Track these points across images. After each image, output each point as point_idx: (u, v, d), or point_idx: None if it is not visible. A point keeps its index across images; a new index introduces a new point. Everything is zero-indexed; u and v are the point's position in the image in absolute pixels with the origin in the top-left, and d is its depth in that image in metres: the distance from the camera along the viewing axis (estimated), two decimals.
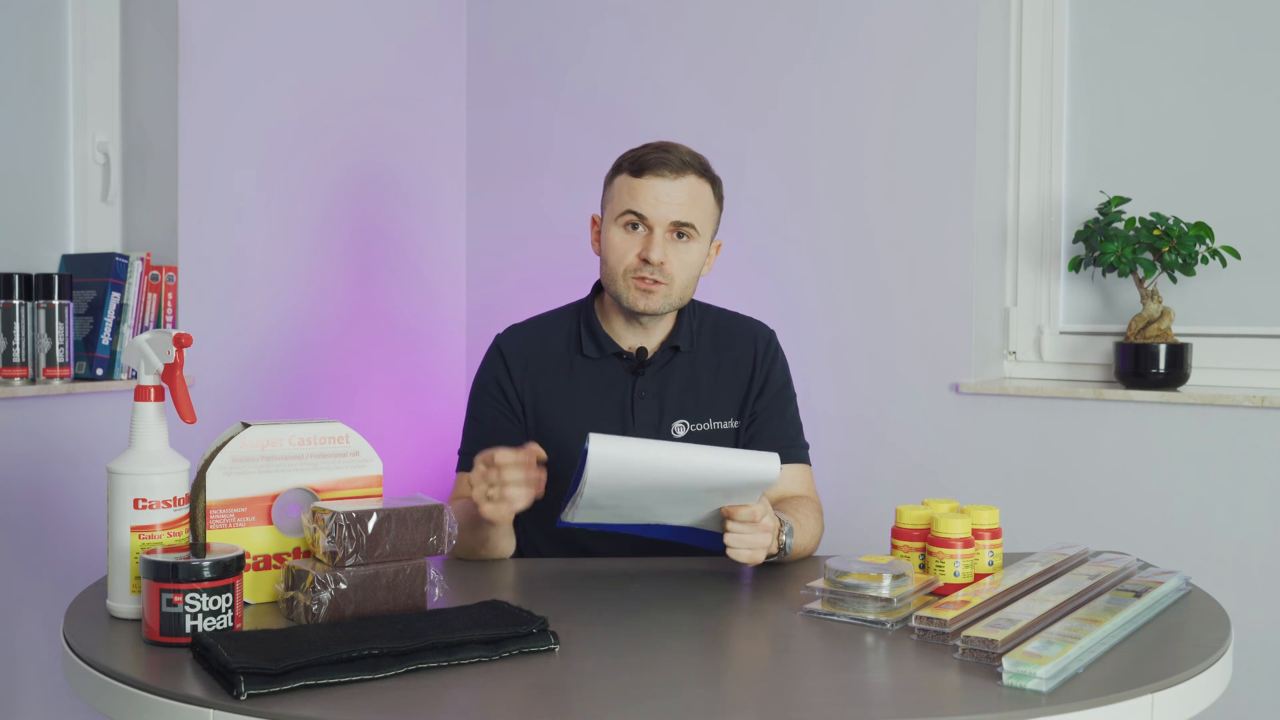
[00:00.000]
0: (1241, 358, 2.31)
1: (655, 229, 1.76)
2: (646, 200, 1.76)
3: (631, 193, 1.77)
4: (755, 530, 1.54)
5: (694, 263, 1.80)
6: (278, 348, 2.61)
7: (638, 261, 1.77)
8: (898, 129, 2.50)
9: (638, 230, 1.78)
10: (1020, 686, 1.14)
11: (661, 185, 1.76)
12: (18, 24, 2.30)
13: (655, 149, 1.79)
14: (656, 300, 1.78)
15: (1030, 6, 2.49)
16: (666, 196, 1.76)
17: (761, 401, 1.86)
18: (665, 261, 1.76)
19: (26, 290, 2.15)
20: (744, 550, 1.54)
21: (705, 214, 1.81)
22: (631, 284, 1.77)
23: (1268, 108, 2.30)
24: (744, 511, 1.52)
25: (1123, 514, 2.28)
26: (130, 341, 1.61)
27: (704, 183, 1.80)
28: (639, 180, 1.77)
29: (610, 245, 1.79)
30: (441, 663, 1.19)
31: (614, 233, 1.79)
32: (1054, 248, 2.50)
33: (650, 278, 1.76)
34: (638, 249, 1.77)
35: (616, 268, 1.78)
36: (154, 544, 1.33)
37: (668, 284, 1.77)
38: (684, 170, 1.77)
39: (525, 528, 1.82)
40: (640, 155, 1.79)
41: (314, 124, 2.68)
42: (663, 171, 1.76)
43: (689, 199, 1.77)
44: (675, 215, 1.76)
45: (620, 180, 1.80)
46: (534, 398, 1.85)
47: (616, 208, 1.79)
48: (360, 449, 1.46)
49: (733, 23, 2.69)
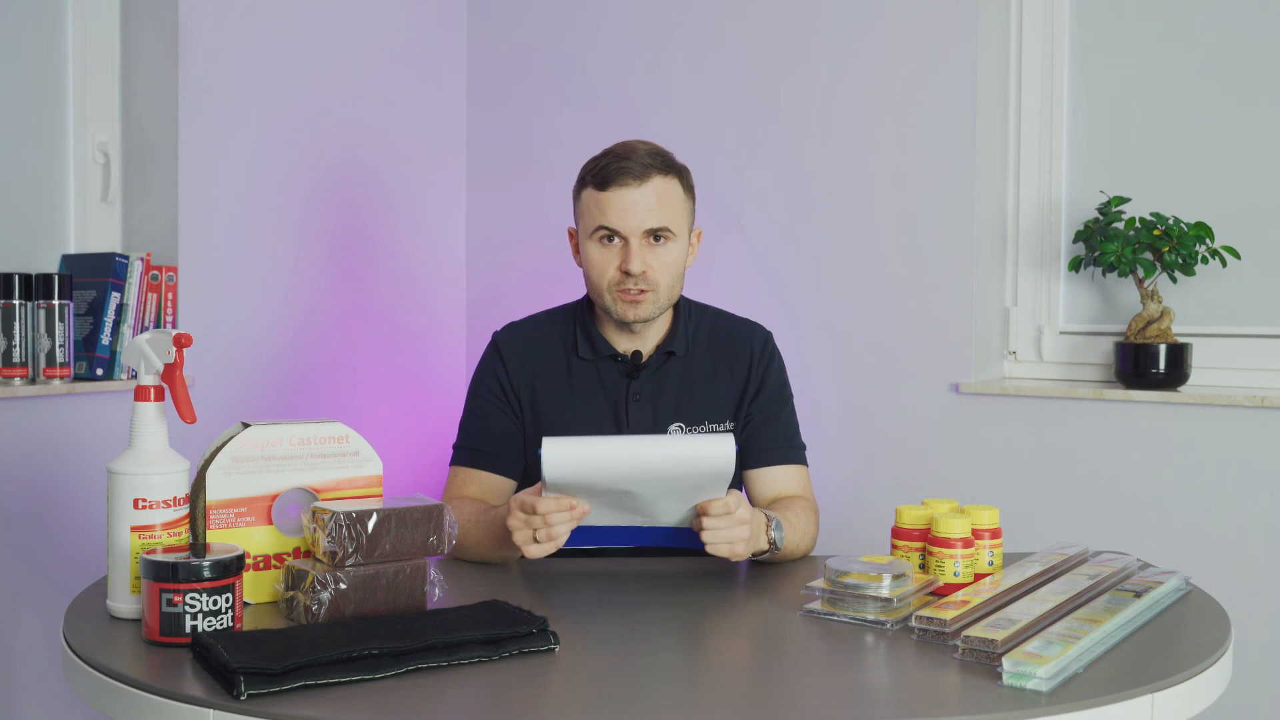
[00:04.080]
0: (1241, 358, 2.31)
1: (630, 239, 1.75)
2: (615, 213, 1.74)
3: (600, 207, 1.75)
4: (731, 523, 1.52)
5: (675, 262, 1.79)
6: (278, 347, 2.62)
7: (619, 275, 1.76)
8: (898, 129, 2.50)
9: (613, 243, 1.76)
10: (1020, 686, 1.14)
11: (628, 195, 1.74)
12: (18, 24, 2.30)
13: (615, 157, 1.76)
14: (645, 309, 1.77)
15: (1030, 8, 2.49)
16: (635, 205, 1.74)
17: (758, 403, 1.86)
18: (647, 269, 1.75)
19: (26, 290, 2.15)
20: (722, 545, 1.53)
21: (677, 211, 1.79)
22: (617, 297, 1.77)
23: (1267, 107, 2.30)
24: (716, 505, 1.51)
25: (1123, 514, 2.28)
26: (130, 341, 1.61)
27: (670, 179, 1.78)
28: (605, 194, 1.75)
29: (590, 262, 1.78)
30: (441, 663, 1.19)
31: (591, 249, 1.78)
32: (1054, 248, 2.50)
33: (635, 289, 1.76)
34: (617, 262, 1.76)
35: (600, 283, 1.78)
36: (154, 544, 1.33)
37: (653, 290, 1.77)
38: (647, 174, 1.75)
39: None
40: (602, 167, 1.76)
41: (314, 124, 2.67)
42: (626, 180, 1.74)
43: (658, 202, 1.75)
44: (647, 223, 1.75)
45: (587, 195, 1.78)
46: (531, 395, 1.85)
47: (588, 224, 1.78)
48: (360, 449, 1.46)
49: (735, 23, 2.69)
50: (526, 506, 1.52)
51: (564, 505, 1.50)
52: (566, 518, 1.51)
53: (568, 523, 1.51)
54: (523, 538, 1.53)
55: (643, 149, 1.78)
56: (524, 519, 1.52)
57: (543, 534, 1.51)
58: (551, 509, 1.50)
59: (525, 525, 1.52)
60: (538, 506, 1.50)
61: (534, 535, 1.52)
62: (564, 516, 1.51)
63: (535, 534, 1.52)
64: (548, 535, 1.51)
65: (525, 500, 1.52)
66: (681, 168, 1.82)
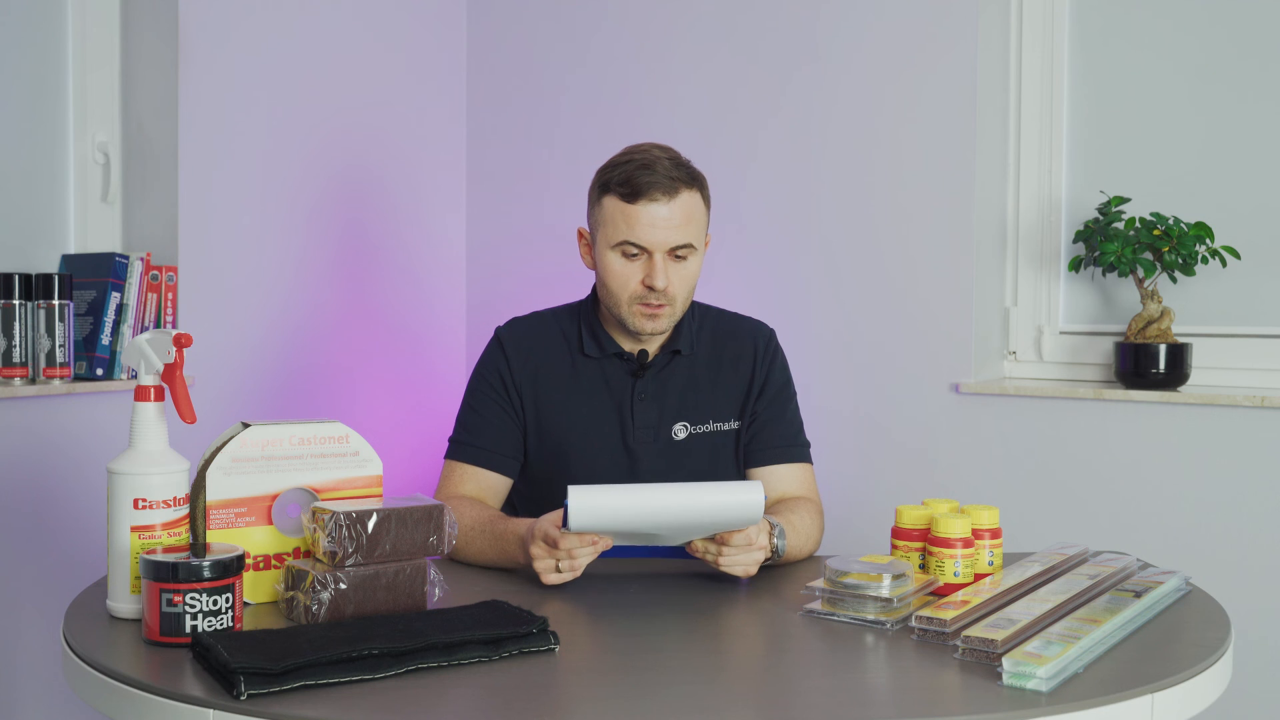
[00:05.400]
0: (1241, 358, 2.31)
1: (655, 254, 1.73)
2: (644, 230, 1.72)
3: (627, 222, 1.73)
4: (750, 551, 1.55)
5: (694, 274, 1.79)
6: (278, 347, 2.62)
7: (642, 289, 1.74)
8: (899, 129, 2.50)
9: (637, 258, 1.75)
10: (1020, 686, 1.14)
11: (658, 211, 1.72)
12: (18, 24, 2.30)
13: (641, 167, 1.72)
14: (663, 322, 1.77)
15: (1030, 7, 2.49)
16: (663, 223, 1.72)
17: (762, 401, 1.86)
18: (668, 285, 1.74)
19: (26, 290, 2.15)
20: (737, 568, 1.56)
21: (699, 225, 1.77)
22: (637, 310, 1.76)
23: (1267, 107, 2.30)
24: (739, 537, 1.53)
25: (1123, 514, 2.28)
26: (130, 341, 1.61)
27: (693, 192, 1.75)
28: (633, 207, 1.72)
29: (610, 273, 1.76)
30: (441, 663, 1.19)
31: (612, 259, 1.76)
32: (1054, 248, 2.50)
33: (656, 303, 1.75)
34: (640, 275, 1.74)
35: (620, 295, 1.76)
36: (154, 544, 1.33)
37: (671, 305, 1.76)
38: (675, 189, 1.72)
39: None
40: (629, 176, 1.72)
41: (313, 124, 2.68)
42: (655, 196, 1.71)
43: (684, 219, 1.73)
44: (673, 240, 1.73)
45: (611, 205, 1.74)
46: (534, 392, 1.84)
47: (611, 235, 1.75)
48: (360, 449, 1.46)
49: (735, 24, 2.69)
50: (550, 540, 1.52)
51: (587, 541, 1.51)
52: (590, 552, 1.52)
53: (590, 556, 1.53)
54: (544, 566, 1.54)
55: (665, 159, 1.75)
56: (547, 549, 1.53)
57: (565, 564, 1.53)
58: (575, 545, 1.51)
59: (548, 555, 1.53)
60: (560, 543, 1.51)
61: (556, 565, 1.53)
62: (587, 551, 1.52)
63: (558, 564, 1.53)
64: (570, 567, 1.53)
65: (549, 534, 1.52)
66: (701, 177, 1.79)
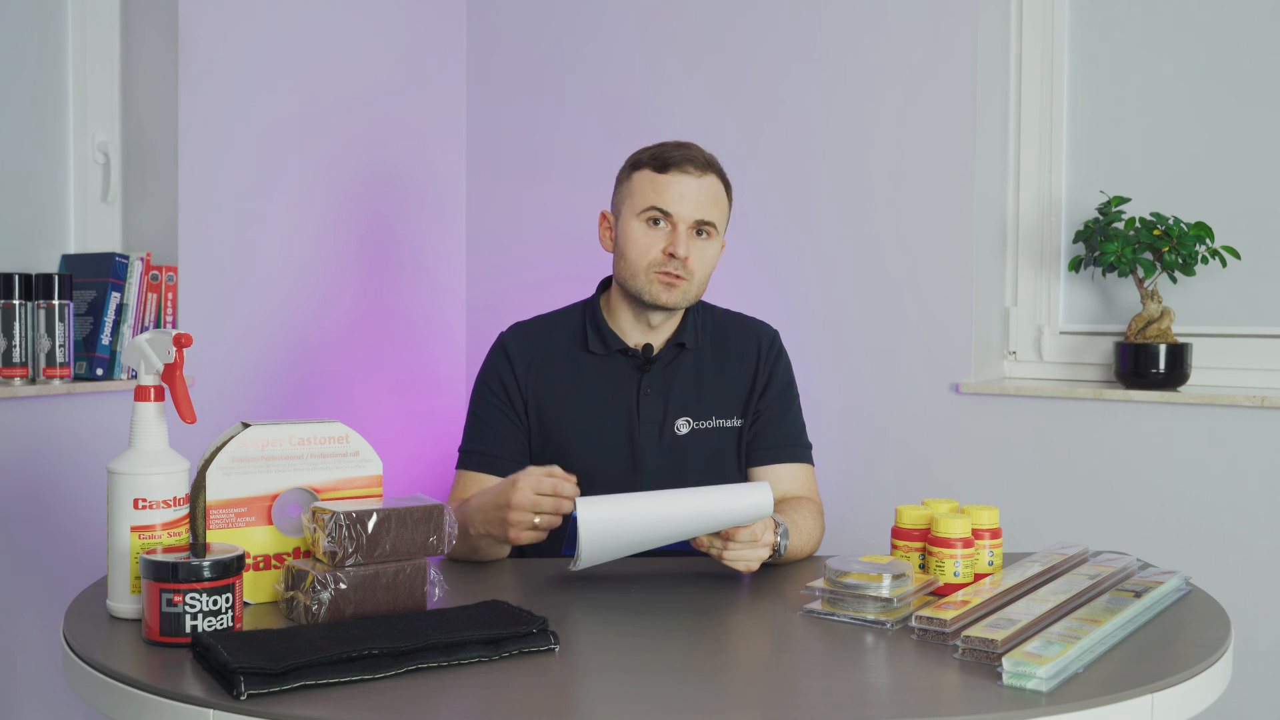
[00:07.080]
0: (1241, 358, 2.31)
1: (679, 225, 1.78)
2: (672, 196, 1.77)
3: (656, 189, 1.78)
4: (755, 547, 1.55)
5: (712, 259, 1.83)
6: (278, 347, 2.61)
7: (663, 256, 1.78)
8: (899, 129, 2.50)
9: (660, 226, 1.79)
10: (1020, 686, 1.14)
11: (687, 182, 1.78)
12: (18, 24, 2.30)
13: (676, 146, 1.81)
14: (678, 294, 1.79)
15: (1030, 7, 2.49)
16: (693, 194, 1.78)
17: (765, 400, 1.87)
18: (689, 257, 1.78)
19: (26, 290, 2.15)
20: (740, 563, 1.56)
21: (723, 213, 1.83)
22: (655, 278, 1.79)
23: (1267, 108, 2.30)
24: (744, 533, 1.53)
25: (1123, 514, 2.28)
26: (130, 341, 1.61)
27: (721, 184, 1.83)
28: (664, 176, 1.78)
29: (631, 240, 1.80)
30: (441, 663, 1.19)
31: (635, 227, 1.80)
32: (1054, 248, 2.50)
33: (674, 272, 1.78)
34: (662, 244, 1.78)
35: (639, 262, 1.79)
36: (154, 544, 1.33)
37: (689, 279, 1.79)
38: (706, 169, 1.80)
39: None
40: (663, 151, 1.80)
41: (314, 123, 2.68)
42: (687, 168, 1.78)
43: (710, 198, 1.80)
44: (699, 213, 1.78)
45: (642, 176, 1.80)
46: (537, 396, 1.85)
47: (638, 203, 1.80)
48: (360, 449, 1.46)
49: (736, 23, 2.69)
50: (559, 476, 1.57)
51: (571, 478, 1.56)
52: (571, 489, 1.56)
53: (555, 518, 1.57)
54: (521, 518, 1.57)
55: (701, 148, 1.82)
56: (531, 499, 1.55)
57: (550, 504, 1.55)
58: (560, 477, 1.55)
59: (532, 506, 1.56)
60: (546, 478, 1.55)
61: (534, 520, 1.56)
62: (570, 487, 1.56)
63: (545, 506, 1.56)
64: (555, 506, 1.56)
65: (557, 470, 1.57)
66: (729, 181, 1.86)
